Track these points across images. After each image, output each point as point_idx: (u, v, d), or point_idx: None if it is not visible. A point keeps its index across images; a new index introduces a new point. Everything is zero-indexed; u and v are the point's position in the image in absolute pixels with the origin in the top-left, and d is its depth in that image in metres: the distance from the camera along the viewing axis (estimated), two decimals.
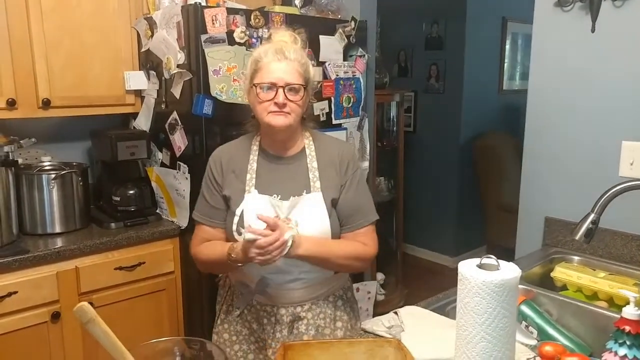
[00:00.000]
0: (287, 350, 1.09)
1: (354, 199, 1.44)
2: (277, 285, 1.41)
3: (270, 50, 1.36)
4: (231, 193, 1.43)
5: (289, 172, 1.43)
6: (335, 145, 1.52)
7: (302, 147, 1.46)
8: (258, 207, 1.37)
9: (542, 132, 1.95)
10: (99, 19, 2.17)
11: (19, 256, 1.81)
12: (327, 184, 1.42)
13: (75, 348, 1.97)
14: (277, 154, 1.45)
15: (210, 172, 1.49)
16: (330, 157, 1.45)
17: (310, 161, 1.44)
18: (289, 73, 1.34)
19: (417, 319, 1.32)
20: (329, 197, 1.40)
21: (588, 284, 1.63)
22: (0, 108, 1.95)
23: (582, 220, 1.35)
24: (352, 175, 1.46)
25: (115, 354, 0.82)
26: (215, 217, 1.47)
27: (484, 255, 0.90)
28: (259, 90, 1.35)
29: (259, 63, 1.36)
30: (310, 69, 1.42)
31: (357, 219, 1.44)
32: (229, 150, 1.51)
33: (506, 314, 0.86)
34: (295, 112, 1.36)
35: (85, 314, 0.80)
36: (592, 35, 1.74)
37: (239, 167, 1.45)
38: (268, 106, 1.35)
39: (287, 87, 1.34)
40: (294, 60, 1.36)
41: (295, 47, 1.40)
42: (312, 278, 1.42)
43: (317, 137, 1.50)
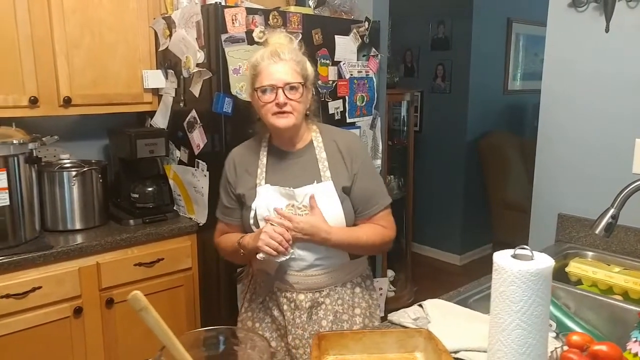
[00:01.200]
0: (322, 340, 1.12)
1: (366, 187, 1.50)
2: (294, 271, 1.45)
3: (266, 54, 1.43)
4: (244, 191, 1.50)
5: (299, 165, 1.49)
6: (341, 135, 1.57)
7: (310, 140, 1.53)
8: (269, 199, 1.44)
9: (555, 130, 1.98)
10: (118, 18, 2.20)
11: (42, 252, 1.84)
12: (337, 172, 1.47)
13: (96, 343, 2.00)
14: (286, 149, 1.52)
15: (225, 174, 1.58)
16: (338, 147, 1.51)
17: (318, 152, 1.50)
18: (286, 73, 1.40)
19: (442, 311, 1.36)
20: (339, 185, 1.46)
21: (603, 279, 1.66)
22: (23, 106, 1.98)
23: (602, 214, 1.38)
24: (362, 163, 1.51)
25: (165, 340, 0.85)
26: (230, 215, 1.57)
27: (518, 247, 0.93)
28: (260, 94, 1.42)
29: (257, 68, 1.43)
30: (307, 66, 1.47)
31: (371, 205, 1.50)
32: (241, 151, 1.59)
33: (541, 302, 0.89)
34: (297, 110, 1.42)
35: (139, 302, 0.82)
36: (606, 35, 1.77)
37: (251, 165, 1.52)
38: (271, 108, 1.41)
39: (286, 86, 1.40)
40: (289, 59, 1.42)
41: (291, 47, 1.46)
42: (328, 265, 1.47)
43: (323, 129, 1.56)
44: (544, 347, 0.91)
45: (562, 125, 1.95)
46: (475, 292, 1.54)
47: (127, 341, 2.07)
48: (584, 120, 1.89)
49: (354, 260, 1.53)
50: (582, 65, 1.87)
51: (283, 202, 1.44)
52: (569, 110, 1.93)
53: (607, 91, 1.81)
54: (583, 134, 1.90)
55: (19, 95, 1.97)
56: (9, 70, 1.94)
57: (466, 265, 4.51)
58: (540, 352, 0.91)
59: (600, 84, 1.83)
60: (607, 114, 1.82)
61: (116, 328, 2.05)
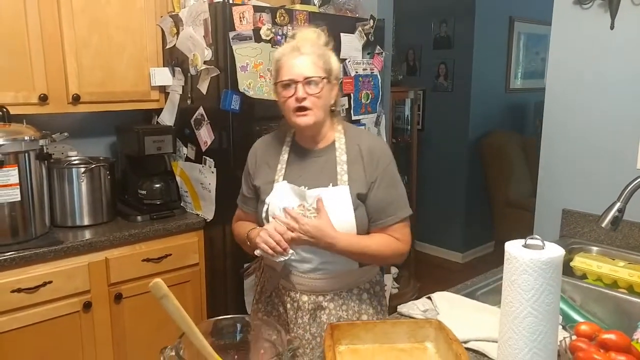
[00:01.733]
0: (334, 330, 1.14)
1: (384, 195, 1.43)
2: (298, 272, 1.43)
3: (288, 48, 1.40)
4: (261, 183, 1.49)
5: (318, 165, 1.45)
6: (366, 138, 1.50)
7: (332, 141, 1.47)
8: (283, 196, 1.41)
9: (559, 127, 2.00)
10: (126, 17, 2.22)
11: (53, 247, 1.86)
12: (354, 177, 1.41)
13: (105, 337, 2.02)
14: (308, 147, 1.48)
15: (247, 164, 1.58)
16: (361, 149, 1.44)
17: (339, 155, 1.44)
18: (305, 67, 1.36)
19: (450, 303, 1.38)
20: (355, 191, 1.40)
21: (608, 273, 1.68)
22: (33, 103, 2.00)
23: (608, 208, 1.40)
24: (383, 171, 1.44)
25: (184, 327, 0.87)
26: (247, 204, 1.58)
27: (529, 237, 0.95)
28: (281, 89, 1.39)
29: (279, 62, 1.41)
30: (331, 60, 1.42)
31: (387, 215, 1.43)
32: (265, 143, 1.57)
33: (552, 291, 0.91)
34: (317, 106, 1.37)
35: (160, 290, 0.84)
36: (611, 32, 1.79)
37: (272, 158, 1.50)
38: (291, 104, 1.37)
39: (305, 81, 1.36)
40: (310, 53, 1.38)
41: (315, 42, 1.42)
42: (333, 270, 1.42)
43: (348, 130, 1.50)
44: (554, 334, 0.93)
45: (566, 121, 1.98)
46: (482, 286, 1.56)
47: (135, 335, 2.09)
48: (588, 116, 1.91)
49: (362, 268, 1.47)
50: (587, 62, 1.89)
51: (295, 201, 1.40)
52: (573, 107, 1.95)
53: (611, 88, 1.84)
54: (587, 130, 1.92)
55: (29, 92, 1.99)
56: (20, 68, 1.96)
57: (468, 263, 4.53)
58: (551, 339, 0.93)
59: (604, 81, 1.85)
60: (611, 111, 1.84)
61: (124, 323, 2.07)
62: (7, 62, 1.93)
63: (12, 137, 1.80)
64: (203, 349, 0.87)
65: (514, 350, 0.94)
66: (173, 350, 0.86)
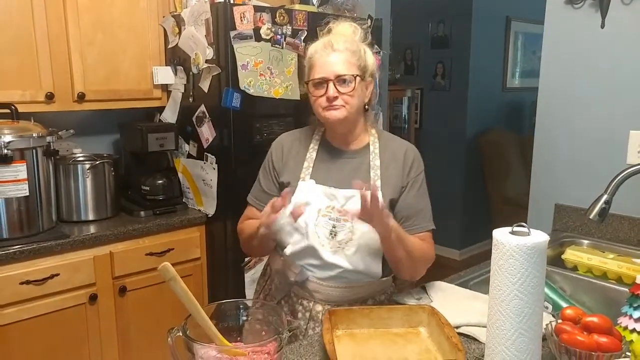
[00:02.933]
0: (332, 315, 1.19)
1: (415, 202, 1.40)
2: (317, 279, 1.35)
3: (320, 45, 1.34)
4: (290, 179, 1.40)
5: (350, 167, 1.39)
6: (402, 143, 1.47)
7: (367, 143, 1.42)
8: (311, 195, 1.34)
9: (552, 123, 2.06)
10: (130, 17, 2.27)
11: (60, 240, 1.91)
12: (388, 183, 1.37)
13: (110, 328, 2.08)
14: (339, 147, 1.42)
15: (270, 158, 1.47)
16: (395, 155, 1.41)
17: (373, 158, 1.39)
18: (337, 64, 1.30)
19: (444, 292, 1.43)
20: (387, 197, 1.35)
21: (598, 265, 1.73)
22: (40, 101, 2.06)
23: (595, 200, 1.46)
24: (415, 177, 1.41)
25: (191, 308, 0.92)
26: (265, 201, 1.37)
27: (515, 224, 1.01)
28: (312, 88, 1.33)
29: (311, 60, 1.35)
30: (366, 57, 1.36)
31: (416, 223, 1.39)
32: (292, 137, 1.48)
33: (537, 275, 0.96)
34: (349, 103, 1.31)
35: (168, 273, 0.90)
36: (602, 30, 1.85)
37: (299, 155, 1.42)
38: (322, 102, 1.32)
39: (337, 79, 1.29)
40: (343, 50, 1.31)
41: (349, 38, 1.35)
42: (355, 279, 1.35)
43: (382, 135, 1.46)
44: (539, 315, 0.99)
45: (559, 118, 2.03)
46: (475, 276, 1.62)
47: (139, 328, 2.15)
48: (580, 113, 1.96)
49: (381, 279, 1.40)
50: (578, 60, 1.94)
51: (324, 202, 1.33)
52: (566, 104, 2.00)
53: (602, 85, 1.89)
54: (579, 127, 1.97)
55: (36, 91, 2.05)
56: (27, 67, 2.02)
57: (466, 260, 4.58)
58: (536, 320, 0.98)
59: (595, 79, 1.90)
60: (602, 108, 1.90)
61: (129, 315, 2.12)
62: (15, 61, 1.99)
63: (21, 134, 1.85)
64: (208, 330, 0.93)
65: (502, 331, 0.99)
66: (180, 330, 0.91)
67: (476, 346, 1.18)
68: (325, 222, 1.33)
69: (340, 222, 1.32)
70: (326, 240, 1.32)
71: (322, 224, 1.33)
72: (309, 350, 1.16)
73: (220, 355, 0.89)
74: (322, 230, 1.32)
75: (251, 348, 0.90)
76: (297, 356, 1.14)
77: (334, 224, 1.32)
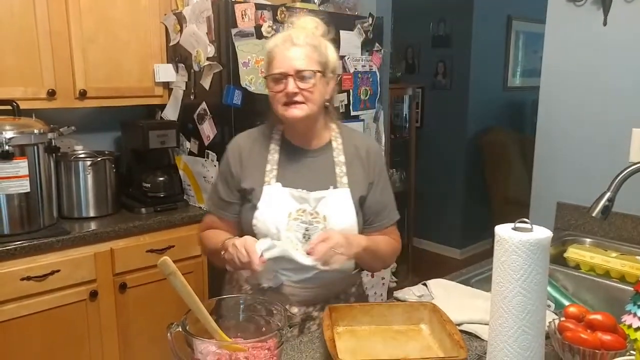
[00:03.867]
0: (332, 312, 1.19)
1: (382, 197, 1.41)
2: (292, 283, 1.32)
3: (280, 39, 1.30)
4: (254, 185, 1.34)
5: (314, 166, 1.36)
6: (363, 139, 1.47)
7: (329, 140, 1.39)
8: (278, 200, 1.30)
9: (554, 121, 2.05)
10: (131, 14, 2.27)
11: (61, 237, 1.91)
12: (354, 180, 1.36)
13: (110, 325, 2.07)
14: (301, 146, 1.37)
15: (226, 164, 1.39)
16: (358, 152, 1.39)
17: (336, 155, 1.37)
18: (298, 59, 1.26)
19: (445, 289, 1.43)
20: (356, 194, 1.34)
21: (601, 263, 1.72)
22: (42, 98, 2.06)
23: (598, 198, 1.45)
24: (380, 172, 1.41)
25: (191, 303, 0.92)
26: (226, 210, 1.39)
27: (518, 220, 1.00)
28: (271, 83, 1.29)
29: (271, 54, 1.30)
30: (328, 52, 1.32)
31: (384, 218, 1.41)
32: (249, 140, 1.41)
33: (540, 271, 0.96)
34: (310, 100, 1.27)
35: (168, 267, 0.90)
36: (604, 28, 1.84)
37: (259, 157, 1.36)
38: (280, 98, 1.27)
39: (297, 74, 1.25)
40: (304, 44, 1.27)
41: (311, 32, 1.31)
42: (329, 276, 1.33)
43: (343, 130, 1.43)
44: (542, 312, 0.98)
45: (561, 116, 2.02)
46: (476, 274, 1.61)
47: (140, 324, 2.15)
48: (582, 110, 1.96)
49: (352, 273, 1.43)
50: (580, 58, 1.94)
51: (293, 206, 1.30)
52: (568, 102, 2.00)
53: (604, 83, 1.88)
54: (581, 125, 1.96)
55: (37, 87, 2.05)
56: (29, 64, 2.02)
57: (467, 259, 4.57)
58: (539, 317, 0.97)
59: (597, 76, 1.90)
60: (604, 105, 1.89)
61: (129, 312, 2.12)
62: (17, 58, 1.99)
63: (22, 130, 1.85)
64: (208, 325, 0.92)
65: (504, 328, 0.98)
66: (179, 326, 0.91)
67: (478, 344, 1.18)
68: (297, 226, 1.30)
69: (312, 225, 1.30)
70: (300, 244, 1.29)
71: (294, 228, 1.30)
72: (309, 346, 1.16)
73: (220, 351, 0.88)
74: (295, 234, 1.30)
75: (251, 344, 0.90)
76: (298, 352, 1.13)
77: (307, 227, 1.30)
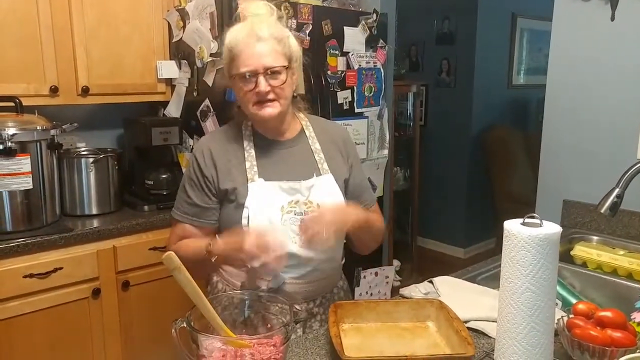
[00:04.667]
0: (337, 309, 1.17)
1: (360, 179, 1.44)
2: (294, 280, 1.28)
3: (242, 33, 1.22)
4: (236, 185, 1.27)
5: (293, 156, 1.34)
6: (332, 125, 1.50)
7: (300, 129, 1.38)
8: (266, 196, 1.26)
9: (560, 118, 2.03)
10: (134, 11, 2.26)
11: (63, 234, 1.90)
12: (334, 165, 1.36)
13: (113, 323, 2.06)
14: (275, 138, 1.34)
15: (197, 167, 1.30)
16: (332, 138, 1.40)
17: (312, 143, 1.36)
18: (265, 56, 1.21)
19: (451, 287, 1.41)
20: (340, 178, 1.35)
21: (608, 261, 1.70)
22: (44, 95, 2.05)
23: (607, 194, 1.43)
24: (354, 157, 1.44)
25: (195, 299, 0.91)
26: (201, 216, 1.30)
27: (527, 215, 0.99)
28: (239, 82, 1.23)
29: (233, 51, 1.23)
30: (291, 42, 1.27)
31: (367, 198, 1.44)
32: (217, 139, 1.34)
33: (549, 267, 0.94)
34: (282, 97, 1.25)
35: (172, 262, 0.88)
36: (612, 23, 1.82)
37: (234, 155, 1.30)
38: (252, 97, 1.23)
39: (267, 72, 1.21)
40: (269, 38, 1.22)
41: (270, 20, 1.26)
42: (327, 269, 1.33)
43: (312, 119, 1.43)
44: (552, 309, 0.96)
45: (567, 112, 2.00)
46: (483, 271, 1.59)
47: (142, 322, 2.13)
48: (589, 107, 1.94)
49: (339, 264, 1.43)
50: (588, 54, 1.92)
51: (284, 198, 1.27)
52: (574, 98, 1.98)
53: (612, 79, 1.86)
54: (587, 122, 1.94)
55: (40, 84, 2.04)
56: (32, 60, 2.01)
57: (470, 258, 4.55)
58: (548, 313, 0.96)
59: (605, 72, 1.88)
60: (611, 101, 1.87)
61: (131, 310, 2.11)
62: (19, 54, 1.98)
63: (25, 127, 1.84)
64: (213, 321, 0.91)
65: (513, 325, 0.97)
66: (184, 322, 0.90)
67: (485, 341, 1.16)
68: (292, 219, 1.26)
69: (307, 215, 1.27)
70: (297, 237, 1.25)
71: (289, 221, 1.26)
72: (314, 343, 1.15)
73: (225, 347, 0.87)
74: (290, 227, 1.26)
75: (256, 340, 0.89)
76: (303, 350, 1.12)
77: (302, 218, 1.26)
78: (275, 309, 0.98)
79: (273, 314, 0.98)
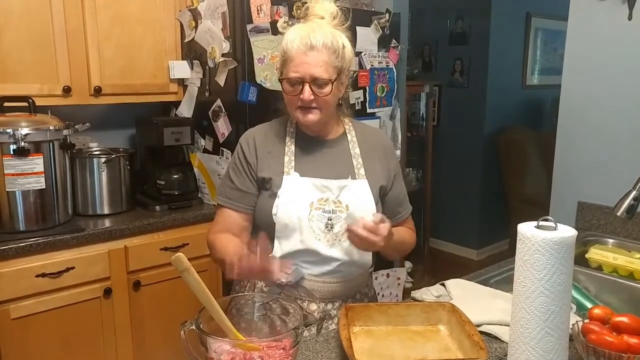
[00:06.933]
0: (348, 311, 1.16)
1: (400, 190, 1.45)
2: (312, 277, 1.31)
3: (297, 37, 1.25)
4: (272, 175, 1.33)
5: (331, 156, 1.37)
6: (377, 133, 1.52)
7: (343, 132, 1.41)
8: (298, 190, 1.29)
9: (575, 119, 2.00)
10: (146, 11, 2.27)
11: (75, 234, 1.91)
12: (372, 171, 1.37)
13: (124, 323, 2.07)
14: (317, 137, 1.38)
15: (241, 154, 1.38)
16: (374, 145, 1.41)
17: (352, 147, 1.38)
18: (315, 66, 1.23)
19: (464, 290, 1.39)
20: (375, 185, 1.35)
21: (624, 264, 1.67)
22: (57, 95, 2.07)
23: (623, 197, 1.40)
24: (396, 165, 1.45)
25: (204, 300, 0.90)
26: (241, 201, 1.36)
27: (541, 218, 0.97)
28: (287, 85, 1.28)
29: (287, 54, 1.27)
30: (345, 53, 1.29)
31: (404, 209, 1.47)
32: (263, 131, 1.41)
33: (564, 271, 0.92)
34: (324, 106, 1.28)
35: (182, 263, 0.88)
36: (629, 22, 1.79)
37: (275, 148, 1.36)
38: (296, 101, 1.27)
39: (314, 81, 1.24)
40: (322, 48, 1.23)
41: (328, 28, 1.27)
42: (349, 272, 1.34)
43: (355, 124, 1.45)
44: (566, 314, 0.94)
45: (582, 113, 1.97)
46: (495, 274, 1.57)
47: (153, 322, 2.14)
48: (604, 108, 1.90)
49: (367, 270, 1.42)
50: (604, 54, 1.88)
51: (315, 195, 1.30)
52: (589, 99, 1.94)
53: (628, 79, 1.83)
54: (603, 123, 1.91)
55: (53, 84, 2.05)
56: (45, 61, 2.03)
57: (483, 260, 4.51)
58: (563, 319, 0.94)
59: (621, 73, 1.84)
60: (627, 103, 1.84)
61: (143, 310, 2.11)
62: (33, 55, 2.00)
63: (38, 127, 1.85)
64: (222, 323, 0.90)
65: (526, 330, 0.95)
66: (193, 324, 0.89)
67: (498, 345, 1.14)
68: (320, 215, 1.29)
69: (336, 214, 1.30)
70: (322, 234, 1.29)
71: (317, 218, 1.29)
72: (325, 346, 1.13)
73: (234, 350, 0.87)
74: (317, 224, 1.29)
75: (266, 343, 0.88)
76: (313, 353, 1.11)
77: (330, 217, 1.29)
78: (285, 312, 0.97)
79: (283, 316, 0.97)
